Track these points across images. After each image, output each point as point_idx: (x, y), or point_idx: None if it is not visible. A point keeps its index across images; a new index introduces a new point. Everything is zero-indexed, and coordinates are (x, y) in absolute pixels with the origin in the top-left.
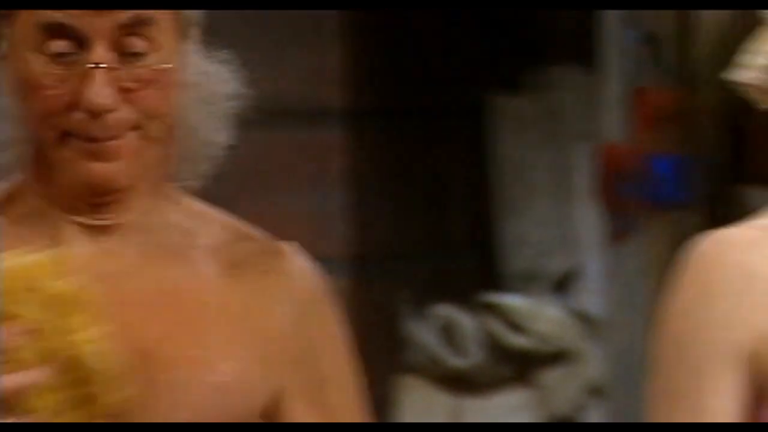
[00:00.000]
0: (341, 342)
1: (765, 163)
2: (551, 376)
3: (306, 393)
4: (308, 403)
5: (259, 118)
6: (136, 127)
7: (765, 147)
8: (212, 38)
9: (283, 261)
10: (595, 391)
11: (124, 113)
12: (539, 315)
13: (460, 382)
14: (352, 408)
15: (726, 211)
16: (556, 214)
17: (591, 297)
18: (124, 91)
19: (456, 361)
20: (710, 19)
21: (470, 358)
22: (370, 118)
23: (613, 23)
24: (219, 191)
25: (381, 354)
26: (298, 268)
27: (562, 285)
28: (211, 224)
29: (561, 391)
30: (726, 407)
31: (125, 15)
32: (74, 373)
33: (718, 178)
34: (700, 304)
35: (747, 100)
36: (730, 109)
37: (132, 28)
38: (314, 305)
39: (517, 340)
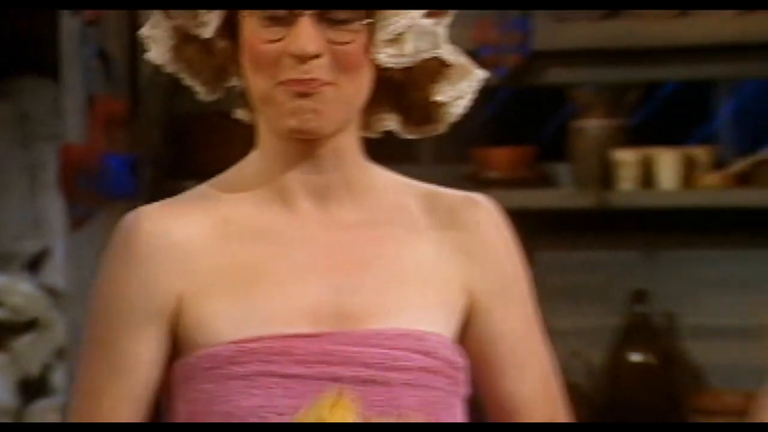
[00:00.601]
0: None
1: (201, 160)
2: (24, 342)
3: None
4: None
5: None
6: None
7: (201, 147)
8: None
9: None
10: (60, 354)
11: None
12: (13, 290)
13: None
14: None
15: None
16: (28, 204)
17: (57, 274)
18: None
19: None
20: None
21: None
22: None
23: (72, 39)
24: None
25: None
26: None
27: (33, 264)
28: None
29: (32, 354)
30: (144, 357)
31: None
32: None
33: (162, 174)
34: (124, 268)
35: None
36: (173, 115)
37: None
38: None
39: None
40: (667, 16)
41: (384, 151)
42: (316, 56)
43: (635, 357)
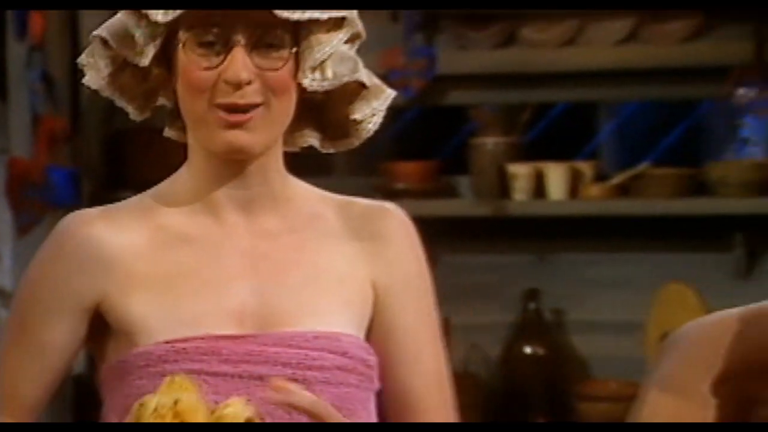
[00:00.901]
0: None
1: (137, 174)
2: None
3: None
4: None
5: None
6: None
7: (137, 161)
8: None
9: None
10: None
11: None
12: None
13: None
14: None
15: None
16: None
17: (5, 276)
18: None
19: None
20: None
21: None
22: None
23: (18, 64)
24: None
25: None
26: None
27: None
28: None
29: None
30: (57, 343)
31: None
32: None
33: (101, 185)
34: (52, 263)
35: (123, 114)
36: (111, 132)
37: None
38: None
39: None
40: (556, 45)
41: (301, 164)
42: (249, 82)
43: (528, 349)
